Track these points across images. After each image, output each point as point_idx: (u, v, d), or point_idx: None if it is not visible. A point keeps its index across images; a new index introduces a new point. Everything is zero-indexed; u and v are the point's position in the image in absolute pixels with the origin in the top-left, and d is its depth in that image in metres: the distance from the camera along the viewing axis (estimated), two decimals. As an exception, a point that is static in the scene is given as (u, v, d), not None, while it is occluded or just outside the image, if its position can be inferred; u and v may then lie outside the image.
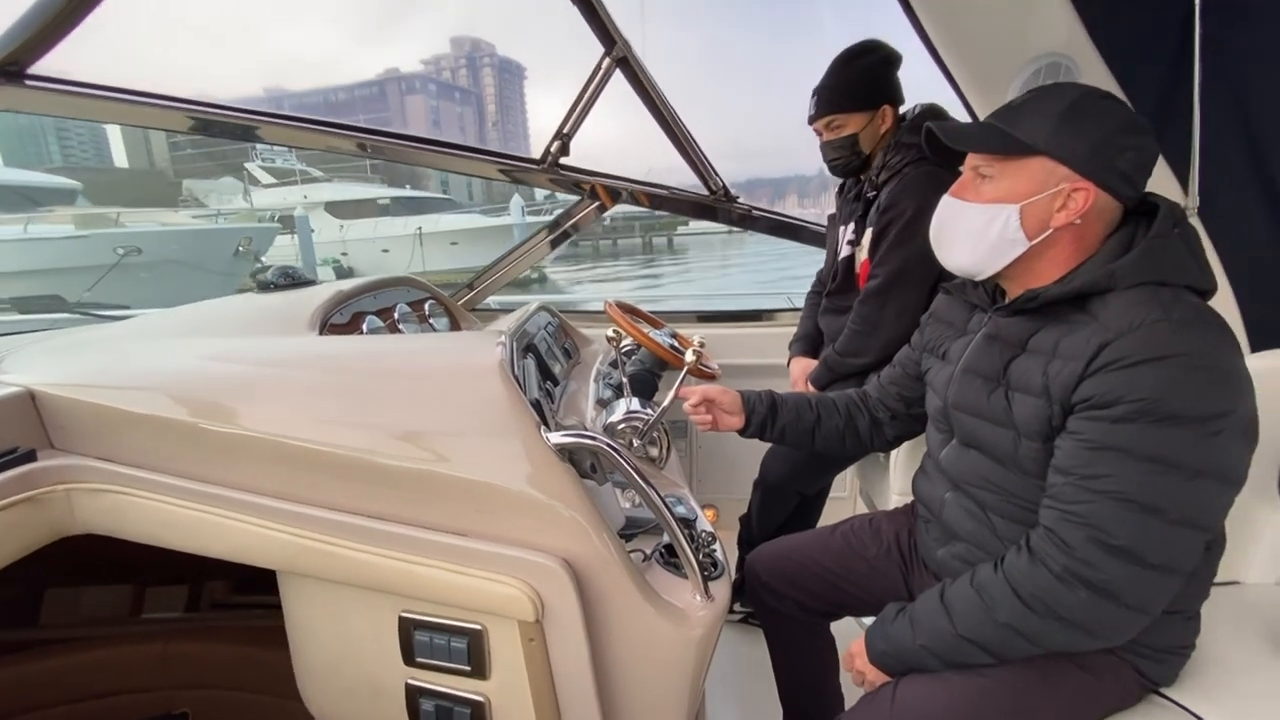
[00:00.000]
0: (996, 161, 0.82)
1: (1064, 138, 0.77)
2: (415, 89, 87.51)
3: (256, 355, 1.00)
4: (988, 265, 0.85)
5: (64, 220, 11.80)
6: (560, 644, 0.79)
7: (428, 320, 1.68)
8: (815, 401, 1.15)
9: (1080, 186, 0.77)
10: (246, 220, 15.15)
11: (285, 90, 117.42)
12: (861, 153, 1.49)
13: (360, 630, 0.86)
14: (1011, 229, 0.80)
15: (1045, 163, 0.78)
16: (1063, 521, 0.74)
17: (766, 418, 1.13)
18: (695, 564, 0.84)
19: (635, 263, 25.76)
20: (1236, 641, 0.94)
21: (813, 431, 1.14)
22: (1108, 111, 0.78)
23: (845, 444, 1.15)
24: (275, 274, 1.49)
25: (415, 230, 16.16)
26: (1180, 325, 0.71)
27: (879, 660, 0.89)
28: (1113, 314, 0.74)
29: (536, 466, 0.80)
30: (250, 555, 0.84)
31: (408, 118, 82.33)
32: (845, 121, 1.47)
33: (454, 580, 0.78)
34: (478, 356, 0.95)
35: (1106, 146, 0.76)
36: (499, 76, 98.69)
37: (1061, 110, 0.78)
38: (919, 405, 1.08)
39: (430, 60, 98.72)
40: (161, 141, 42.97)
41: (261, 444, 0.84)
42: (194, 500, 0.85)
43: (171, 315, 1.46)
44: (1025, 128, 0.79)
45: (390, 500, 0.81)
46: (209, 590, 1.41)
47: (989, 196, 0.82)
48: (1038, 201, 0.79)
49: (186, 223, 13.80)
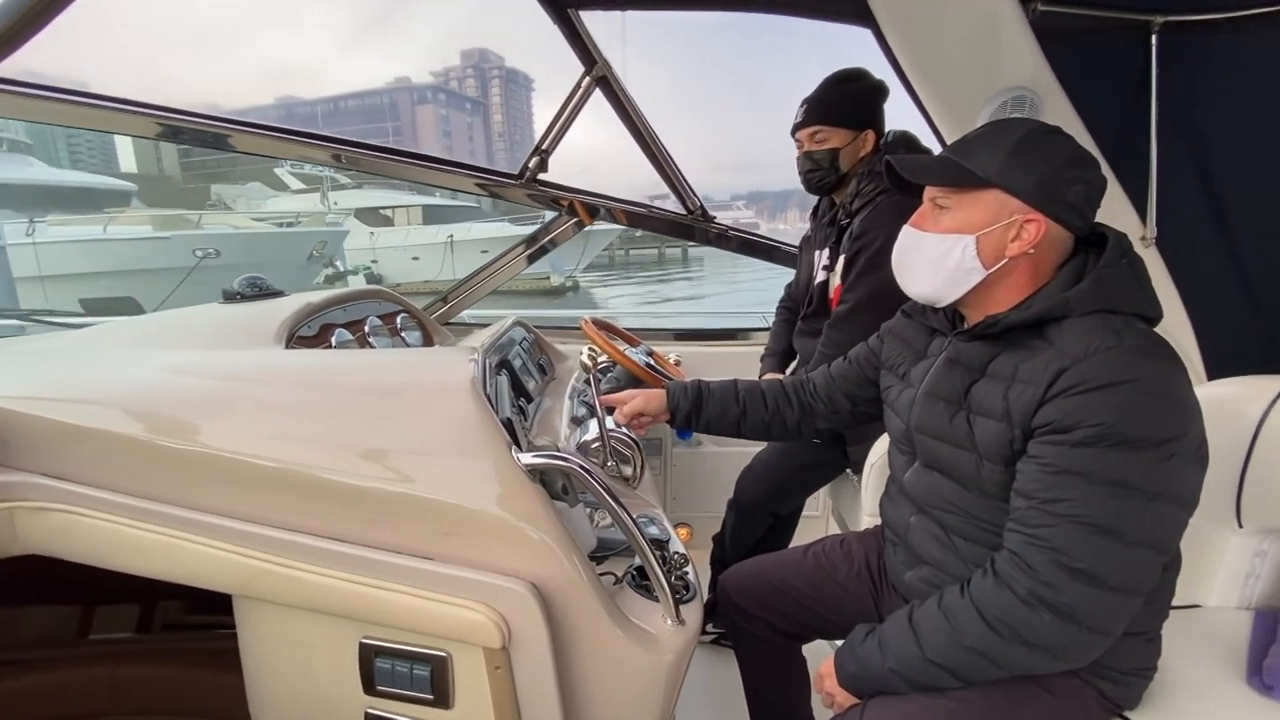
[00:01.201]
0: (952, 193, 0.85)
1: (1014, 171, 0.80)
2: (427, 99, 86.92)
3: (218, 369, 0.97)
4: (947, 293, 0.87)
5: (141, 221, 11.57)
6: (527, 671, 0.77)
7: (399, 334, 1.66)
8: (743, 394, 1.19)
9: (1032, 218, 0.80)
10: (316, 224, 14.85)
11: (297, 99, 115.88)
12: (839, 169, 1.51)
13: (319, 657, 0.83)
14: (969, 258, 0.83)
15: (998, 195, 0.81)
16: (1026, 545, 0.75)
17: (690, 412, 1.17)
18: (667, 587, 0.83)
19: (652, 275, 24.92)
20: (1198, 665, 0.95)
21: (738, 423, 1.18)
22: (1055, 146, 0.81)
23: (771, 434, 1.20)
24: (242, 284, 1.46)
25: (446, 239, 16.07)
26: (1132, 352, 0.73)
27: (849, 683, 0.89)
28: (1069, 340, 0.76)
29: (506, 488, 0.78)
30: (204, 578, 0.81)
31: (418, 127, 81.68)
32: (830, 135, 1.49)
33: (418, 605, 0.76)
34: (448, 373, 0.94)
35: (1055, 180, 0.79)
36: (505, 88, 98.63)
37: (1012, 145, 0.81)
38: (863, 405, 1.13)
39: (440, 72, 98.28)
40: (171, 148, 41.98)
41: (219, 461, 0.81)
42: (146, 520, 0.81)
43: (131, 325, 1.41)
44: (978, 161, 0.82)
45: (353, 521, 0.79)
46: (162, 610, 1.35)
47: (946, 227, 0.85)
48: (992, 232, 0.81)
49: (251, 225, 13.63)
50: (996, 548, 0.80)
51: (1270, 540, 1.09)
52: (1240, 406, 1.05)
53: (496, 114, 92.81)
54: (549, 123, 2.03)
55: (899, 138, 1.52)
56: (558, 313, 13.28)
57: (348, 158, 2.03)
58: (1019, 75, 1.48)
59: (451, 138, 77.70)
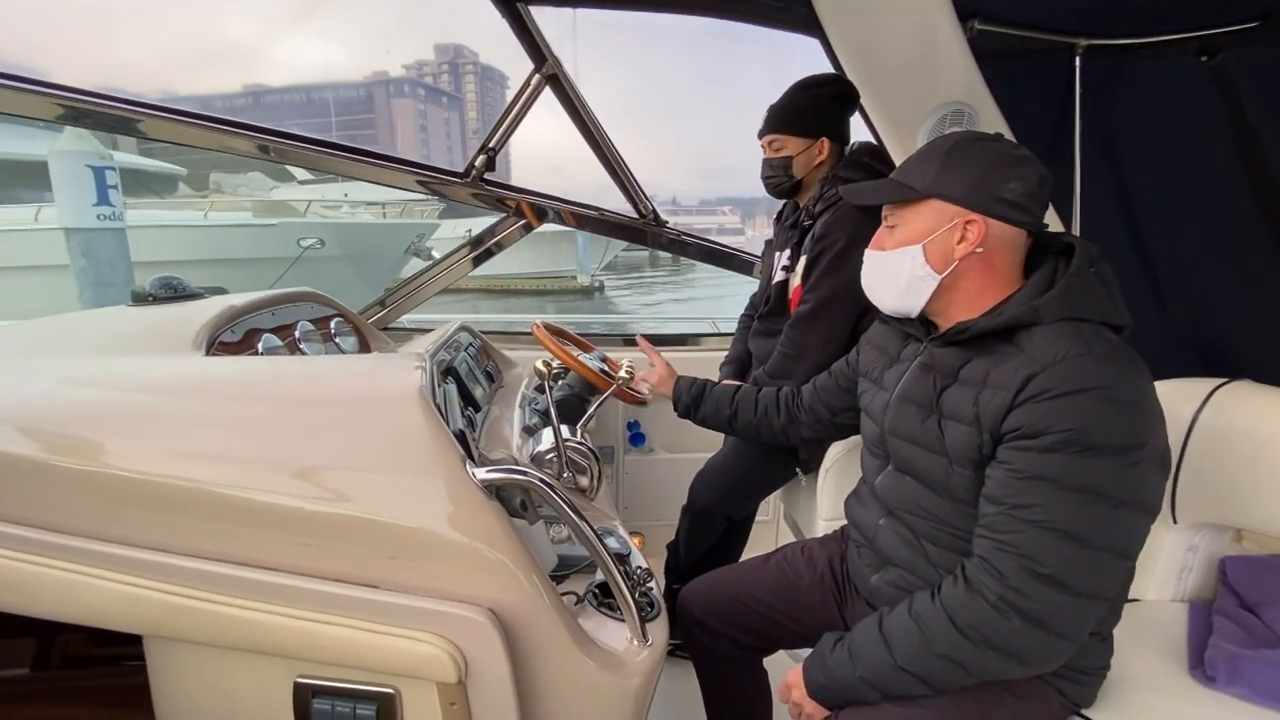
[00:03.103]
0: (898, 210, 0.90)
1: (946, 179, 0.84)
2: (404, 93, 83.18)
3: (126, 378, 0.87)
4: (910, 303, 0.90)
5: (230, 207, 10.58)
6: (485, 705, 0.71)
7: (333, 340, 1.55)
8: (738, 397, 1.30)
9: (971, 219, 0.83)
10: (410, 216, 13.79)
11: (266, 87, 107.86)
12: (793, 176, 1.53)
13: (246, 700, 0.74)
14: (919, 266, 0.86)
15: (936, 203, 0.85)
16: (996, 551, 0.75)
17: (690, 406, 1.33)
18: (633, 605, 0.79)
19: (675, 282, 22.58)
20: (1144, 659, 0.99)
21: (730, 422, 1.30)
22: (983, 150, 0.85)
23: (760, 437, 1.29)
24: (154, 284, 1.32)
25: (464, 233, 15.35)
26: (1100, 359, 0.75)
27: (817, 693, 0.87)
28: (1038, 347, 0.77)
29: (460, 506, 0.72)
30: (109, 619, 0.71)
31: (395, 121, 77.82)
32: (784, 143, 1.51)
33: (362, 639, 0.69)
34: (393, 381, 0.87)
35: (986, 180, 0.83)
36: (481, 85, 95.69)
37: (943, 155, 0.86)
38: (843, 415, 1.17)
39: (413, 65, 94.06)
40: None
41: (126, 484, 0.72)
42: (38, 554, 0.71)
43: (23, 330, 1.26)
44: (914, 175, 0.87)
45: (286, 548, 0.71)
46: (61, 644, 1.20)
47: (897, 241, 0.89)
48: (937, 238, 0.85)
49: (335, 215, 12.67)
50: (965, 553, 0.80)
51: (1201, 535, 1.15)
52: (1172, 406, 1.10)
53: (471, 110, 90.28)
54: (496, 120, 1.96)
55: (863, 147, 1.54)
56: (593, 317, 12.35)
57: (276, 149, 1.90)
58: (957, 90, 1.53)
59: (428, 132, 75.04)
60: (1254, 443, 1.04)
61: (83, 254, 6.13)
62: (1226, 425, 1.07)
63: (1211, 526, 1.14)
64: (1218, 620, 1.03)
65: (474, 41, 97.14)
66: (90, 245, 6.15)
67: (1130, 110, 1.60)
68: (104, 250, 6.22)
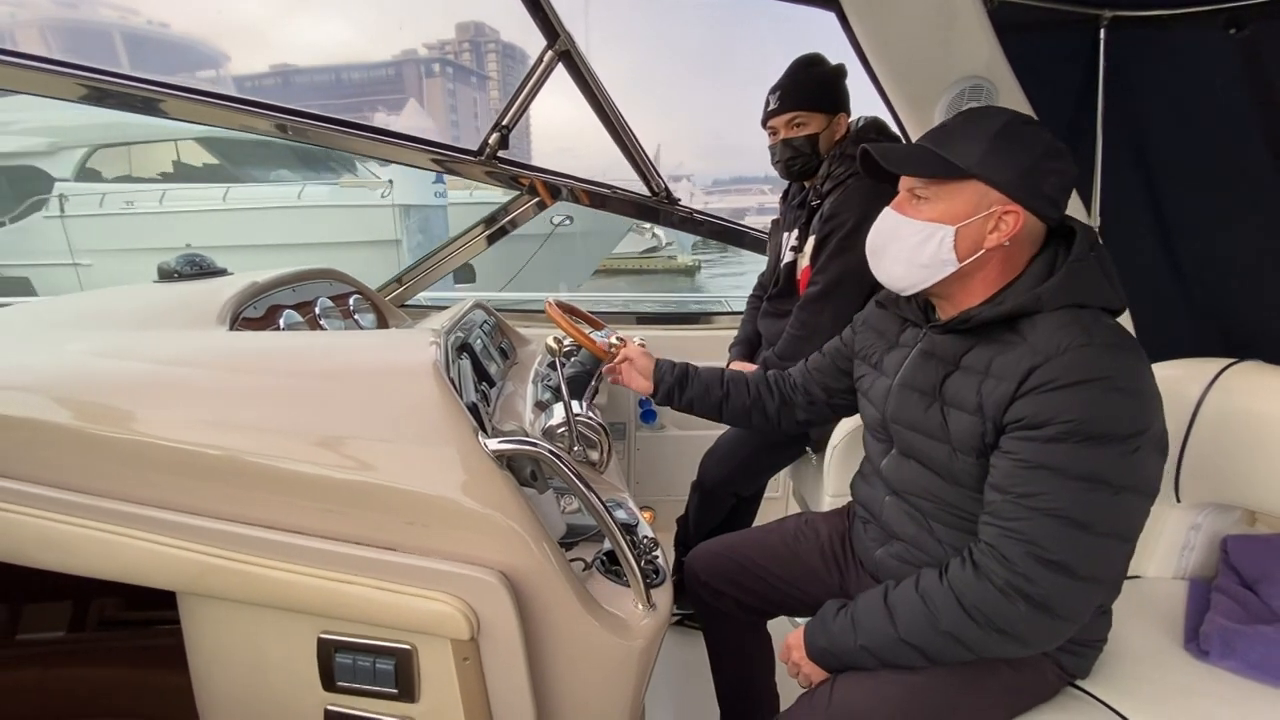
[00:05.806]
0: (931, 184, 0.83)
1: (995, 162, 0.79)
2: (434, 72, 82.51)
3: (155, 352, 0.91)
4: (919, 281, 0.86)
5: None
6: (497, 662, 0.75)
7: (352, 316, 1.59)
8: (728, 378, 1.21)
9: (1011, 209, 0.79)
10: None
11: (294, 67, 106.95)
12: (819, 154, 1.50)
13: (273, 654, 0.79)
14: (945, 249, 0.82)
15: (978, 186, 0.80)
16: (1003, 537, 0.77)
17: (674, 388, 1.19)
18: (638, 572, 0.82)
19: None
20: (1141, 634, 1.00)
21: (720, 406, 1.20)
22: (1034, 137, 0.81)
23: (752, 421, 1.20)
24: (180, 261, 1.36)
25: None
26: (1102, 349, 0.75)
27: (817, 656, 0.90)
28: (1040, 337, 0.77)
29: (473, 474, 0.75)
30: (146, 576, 0.75)
31: (426, 101, 77.10)
32: (809, 120, 1.47)
33: (380, 598, 0.72)
34: (409, 356, 0.90)
35: (1034, 171, 0.79)
36: (503, 63, 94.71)
37: (991, 135, 0.79)
38: (838, 396, 1.14)
39: (435, 45, 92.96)
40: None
41: (159, 451, 0.76)
42: (77, 515, 0.75)
43: (56, 305, 1.31)
44: (958, 151, 0.80)
45: (310, 513, 0.75)
46: (97, 606, 1.27)
47: (927, 215, 0.84)
48: (972, 224, 0.80)
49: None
50: (970, 533, 0.82)
51: (1204, 514, 1.15)
52: (1180, 388, 1.11)
53: (494, 89, 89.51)
54: (510, 97, 1.97)
55: (870, 123, 1.53)
56: (689, 295, 12.09)
57: (294, 128, 1.92)
58: (976, 65, 1.51)
59: (458, 112, 74.45)
60: (1260, 423, 1.04)
61: (420, 230, 6.32)
62: (1233, 405, 1.07)
63: (1215, 506, 1.14)
64: (1216, 597, 1.04)
65: (491, 19, 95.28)
66: (427, 221, 6.34)
67: (1155, 84, 1.56)
68: (437, 226, 6.41)
